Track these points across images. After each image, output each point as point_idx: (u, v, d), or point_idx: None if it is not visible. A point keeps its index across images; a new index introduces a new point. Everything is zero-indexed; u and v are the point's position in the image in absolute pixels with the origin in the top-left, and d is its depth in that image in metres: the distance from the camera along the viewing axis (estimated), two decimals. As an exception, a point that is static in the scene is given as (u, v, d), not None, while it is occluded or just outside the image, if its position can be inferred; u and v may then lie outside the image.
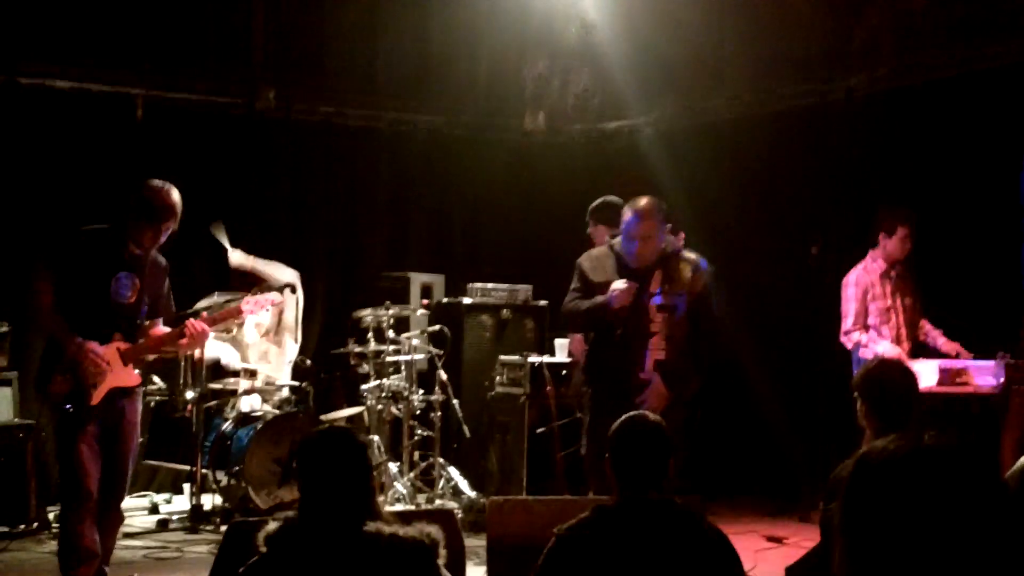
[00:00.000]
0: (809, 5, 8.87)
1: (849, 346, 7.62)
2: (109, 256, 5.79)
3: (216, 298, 8.19)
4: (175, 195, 5.87)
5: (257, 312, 6.71)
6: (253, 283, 8.21)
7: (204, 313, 6.40)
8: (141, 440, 8.39)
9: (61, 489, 5.83)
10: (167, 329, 6.07)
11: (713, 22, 9.20)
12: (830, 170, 8.88)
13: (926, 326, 7.66)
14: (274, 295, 6.72)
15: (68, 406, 5.65)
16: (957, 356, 7.34)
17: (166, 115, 9.23)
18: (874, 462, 1.99)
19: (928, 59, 8.29)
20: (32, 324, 6.71)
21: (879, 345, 7.38)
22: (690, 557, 3.45)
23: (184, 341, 6.03)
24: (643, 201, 6.15)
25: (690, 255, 6.31)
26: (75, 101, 8.88)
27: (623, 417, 3.76)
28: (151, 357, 7.40)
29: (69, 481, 5.67)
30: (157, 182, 5.90)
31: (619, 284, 6.02)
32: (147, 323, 5.96)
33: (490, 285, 9.22)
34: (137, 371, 5.92)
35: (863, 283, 7.61)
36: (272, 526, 3.23)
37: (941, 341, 7.56)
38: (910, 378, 4.36)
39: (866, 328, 7.57)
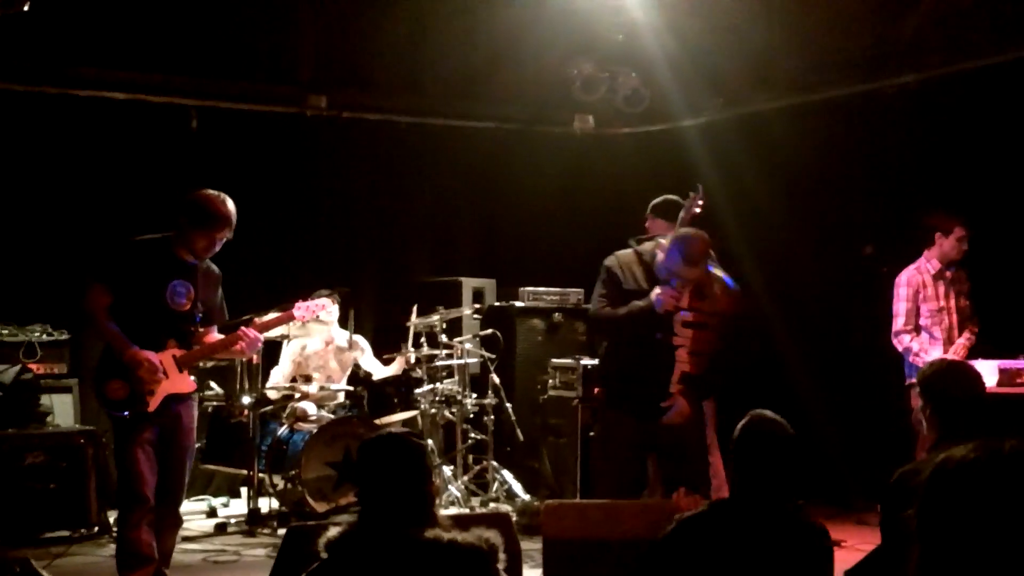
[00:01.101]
0: (856, 2, 8.83)
1: (899, 348, 7.59)
2: (163, 264, 5.83)
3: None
4: (230, 204, 5.91)
5: (308, 317, 6.70)
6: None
7: (256, 319, 6.43)
8: (199, 445, 8.52)
9: (118, 494, 5.89)
10: (221, 336, 6.12)
11: (759, 22, 9.17)
12: (878, 169, 8.85)
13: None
14: (325, 300, 6.81)
15: (125, 412, 5.71)
16: None
17: (220, 124, 9.36)
18: (954, 469, 2.00)
19: (976, 54, 8.25)
20: (88, 332, 6.75)
21: (930, 355, 7.34)
22: (788, 554, 3.57)
23: (238, 347, 6.07)
24: (698, 245, 5.85)
25: (718, 272, 6.12)
26: (131, 112, 9.03)
27: (748, 417, 3.79)
28: (208, 364, 7.54)
29: (126, 486, 5.73)
30: (212, 192, 5.93)
31: (665, 290, 5.86)
32: (201, 330, 6.02)
33: (541, 289, 9.26)
34: (192, 377, 5.99)
35: (915, 283, 7.58)
36: (333, 532, 3.24)
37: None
38: (977, 380, 4.30)
39: (917, 329, 7.55)
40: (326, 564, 3.21)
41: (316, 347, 8.86)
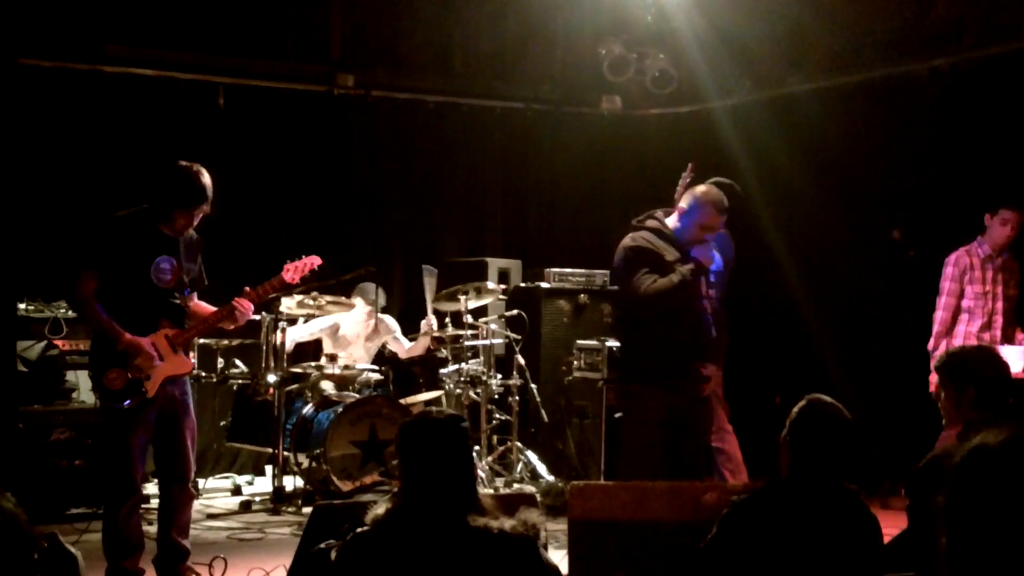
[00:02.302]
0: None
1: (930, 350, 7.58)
2: (146, 240, 5.69)
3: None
4: (206, 177, 5.71)
5: (297, 277, 6.37)
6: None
7: (247, 289, 6.18)
8: (224, 423, 8.56)
9: (107, 483, 5.77)
10: (209, 308, 5.99)
11: (790, 4, 9.09)
12: (909, 152, 8.77)
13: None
14: (314, 257, 6.44)
15: (126, 402, 5.58)
16: None
17: (248, 102, 9.36)
18: (987, 455, 1.98)
19: (1010, 37, 8.15)
20: (80, 318, 6.50)
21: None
22: (846, 535, 3.59)
23: (232, 316, 5.93)
24: (719, 194, 6.28)
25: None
26: (159, 89, 9.03)
27: (806, 401, 3.79)
28: (234, 342, 7.49)
29: (117, 475, 5.64)
30: (186, 164, 5.75)
31: (703, 250, 6.19)
32: (190, 304, 5.91)
33: (567, 270, 9.23)
34: (189, 356, 5.91)
35: (963, 264, 7.56)
36: (380, 509, 3.20)
37: None
38: (1003, 364, 4.27)
39: (958, 312, 7.51)
40: (370, 536, 3.17)
41: (351, 331, 8.88)
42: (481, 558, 3.10)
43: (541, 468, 8.32)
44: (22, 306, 7.89)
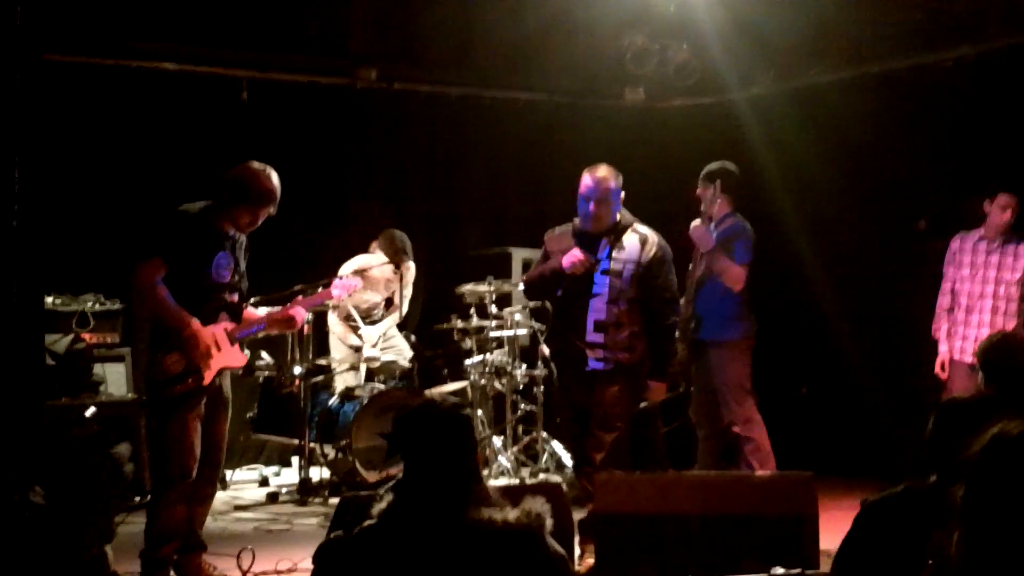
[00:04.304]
0: (911, -29, 8.70)
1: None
2: (209, 236, 5.75)
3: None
4: (275, 180, 5.82)
5: (344, 295, 6.73)
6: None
7: (299, 297, 6.40)
8: (250, 414, 8.61)
9: (161, 468, 5.78)
10: (261, 311, 6.15)
11: (813, -7, 9.06)
12: (933, 142, 8.74)
13: None
14: (357, 280, 6.87)
15: (179, 386, 5.62)
16: None
17: (270, 96, 9.38)
18: (1008, 443, 1.97)
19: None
20: (139, 306, 6.55)
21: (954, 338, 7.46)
22: None
23: (285, 321, 6.14)
24: (601, 168, 6.41)
25: (643, 228, 6.42)
26: (182, 83, 9.07)
27: (942, 403, 3.66)
28: (259, 335, 7.53)
29: (175, 460, 5.64)
30: (257, 165, 5.83)
31: (574, 251, 6.25)
32: (246, 304, 6.03)
33: (591, 260, 9.22)
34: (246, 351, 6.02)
35: (952, 248, 7.58)
36: (384, 503, 3.15)
37: None
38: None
39: (952, 296, 7.53)
40: (375, 529, 3.12)
41: (375, 299, 8.90)
42: (482, 551, 3.02)
43: (566, 458, 8.34)
44: (49, 300, 7.93)
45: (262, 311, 6.30)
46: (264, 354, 8.47)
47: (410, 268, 8.92)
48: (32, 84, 6.80)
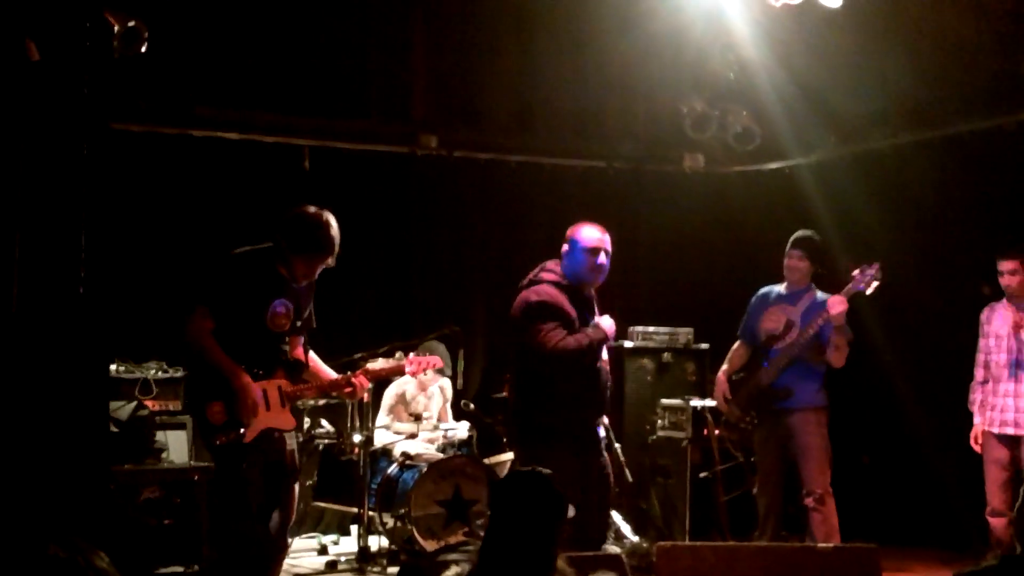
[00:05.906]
0: (975, 34, 8.64)
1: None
2: (264, 281, 5.61)
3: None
4: (334, 228, 5.63)
5: (418, 372, 6.55)
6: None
7: (368, 366, 6.25)
8: (310, 482, 8.59)
9: (225, 514, 5.67)
10: (324, 367, 5.97)
11: (874, 57, 9.02)
12: (998, 206, 8.64)
13: None
14: (436, 359, 6.65)
15: (221, 439, 5.49)
16: None
17: (332, 163, 9.46)
18: None
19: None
20: (190, 357, 6.35)
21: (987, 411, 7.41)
22: None
23: (348, 390, 5.93)
24: (594, 224, 6.44)
25: None
26: (245, 151, 9.17)
27: None
28: (320, 402, 7.49)
29: (234, 506, 5.55)
30: (315, 211, 5.64)
31: (604, 320, 6.12)
32: (307, 356, 5.82)
33: (651, 328, 9.19)
34: (297, 415, 5.87)
35: (983, 316, 7.55)
36: (452, 572, 3.12)
37: None
38: None
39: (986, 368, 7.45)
40: None
41: (414, 392, 8.88)
42: None
43: (626, 528, 8.24)
44: (113, 367, 8.01)
45: (329, 373, 6.05)
46: (324, 421, 8.47)
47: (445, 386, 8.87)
48: (98, 152, 6.92)
